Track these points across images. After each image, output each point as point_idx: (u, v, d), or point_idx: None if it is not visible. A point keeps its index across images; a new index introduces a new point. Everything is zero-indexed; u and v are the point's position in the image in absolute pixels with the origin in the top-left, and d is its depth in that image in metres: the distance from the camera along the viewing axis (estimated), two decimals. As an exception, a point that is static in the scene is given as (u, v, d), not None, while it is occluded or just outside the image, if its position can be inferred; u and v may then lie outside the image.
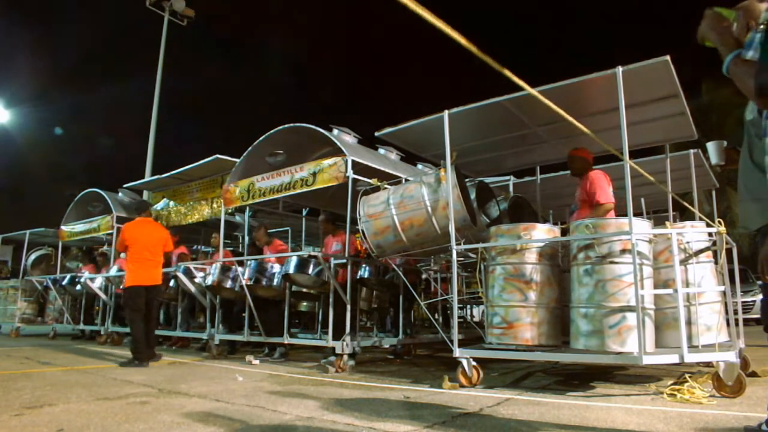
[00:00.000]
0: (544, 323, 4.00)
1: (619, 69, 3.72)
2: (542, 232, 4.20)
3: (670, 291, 3.81)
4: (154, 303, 6.11)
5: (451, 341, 4.18)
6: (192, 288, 6.98)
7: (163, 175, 8.36)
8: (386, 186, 5.10)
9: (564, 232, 4.35)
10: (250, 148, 6.63)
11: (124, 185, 9.43)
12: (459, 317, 4.66)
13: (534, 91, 2.36)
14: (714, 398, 3.31)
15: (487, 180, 6.65)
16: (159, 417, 2.94)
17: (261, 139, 6.46)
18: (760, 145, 1.88)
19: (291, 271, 5.72)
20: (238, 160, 6.84)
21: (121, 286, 7.74)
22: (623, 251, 3.66)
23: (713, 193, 7.19)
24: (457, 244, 4.34)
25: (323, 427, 2.70)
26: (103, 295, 8.77)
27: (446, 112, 4.52)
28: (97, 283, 8.80)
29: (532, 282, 4.03)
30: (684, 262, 4.06)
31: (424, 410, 3.16)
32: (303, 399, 3.52)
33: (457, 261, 4.45)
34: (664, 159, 5.45)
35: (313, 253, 6.04)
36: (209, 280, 6.43)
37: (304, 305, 8.13)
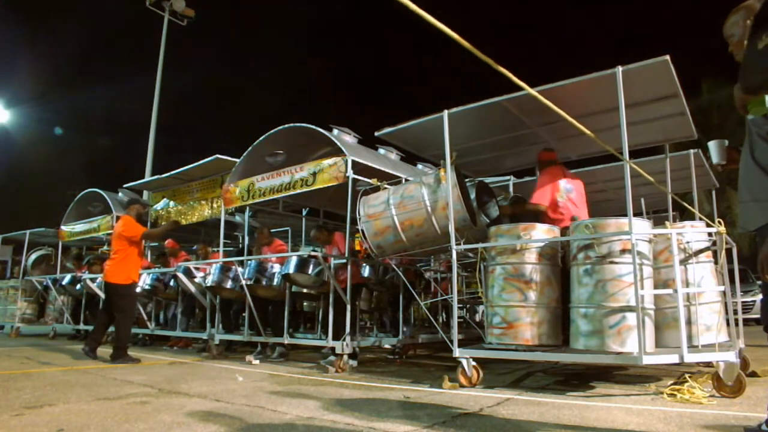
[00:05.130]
0: (544, 323, 4.00)
1: (619, 69, 3.72)
2: (542, 232, 4.20)
3: (670, 291, 3.81)
4: (118, 303, 5.98)
5: (451, 341, 4.18)
6: (192, 288, 6.98)
7: (163, 175, 8.35)
8: (386, 186, 5.10)
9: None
10: (250, 148, 6.63)
11: (124, 185, 9.43)
12: (459, 317, 4.66)
13: (533, 92, 2.36)
14: (714, 398, 3.31)
15: (487, 180, 6.64)
16: (159, 417, 2.94)
17: (261, 139, 6.45)
18: None
19: (291, 271, 5.72)
20: (238, 160, 6.84)
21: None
22: (623, 251, 3.66)
23: (713, 193, 7.18)
24: (457, 244, 4.34)
25: (323, 427, 2.70)
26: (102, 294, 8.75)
27: (446, 112, 4.52)
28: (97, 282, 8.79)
29: (532, 282, 4.03)
30: (684, 262, 4.06)
31: (424, 410, 3.16)
32: (303, 399, 3.53)
33: (457, 261, 4.45)
34: (664, 159, 5.45)
35: (313, 253, 6.03)
36: (209, 281, 6.43)
37: (304, 305, 8.13)
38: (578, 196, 4.90)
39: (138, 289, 7.94)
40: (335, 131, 5.90)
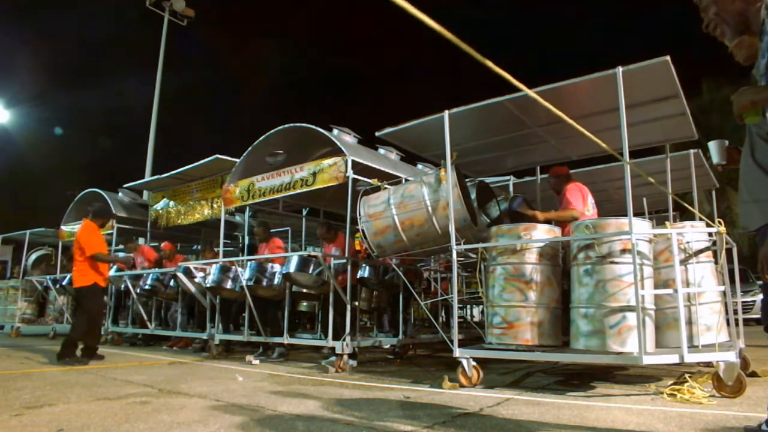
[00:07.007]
0: (544, 323, 4.00)
1: (619, 69, 3.72)
2: (542, 232, 4.20)
3: (670, 291, 3.81)
4: (82, 303, 5.98)
5: (451, 341, 4.18)
6: (192, 288, 6.98)
7: (163, 175, 8.36)
8: (386, 186, 5.10)
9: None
10: (250, 148, 6.63)
11: (124, 185, 9.44)
12: (459, 317, 4.66)
13: (533, 93, 2.36)
14: (714, 398, 3.31)
15: (487, 180, 6.65)
16: (159, 417, 2.94)
17: (261, 139, 6.46)
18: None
19: (291, 270, 5.72)
20: (238, 160, 6.84)
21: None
22: (623, 251, 3.66)
23: (713, 193, 7.19)
24: (457, 244, 4.34)
25: (323, 427, 2.70)
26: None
27: (446, 112, 4.52)
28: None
29: (532, 282, 4.03)
30: (684, 262, 4.06)
31: (424, 410, 3.16)
32: (303, 399, 3.53)
33: (457, 261, 4.45)
34: (664, 159, 5.45)
35: (313, 253, 6.04)
36: (209, 281, 6.43)
37: (304, 305, 8.13)
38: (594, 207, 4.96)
39: (138, 290, 7.98)
40: (335, 131, 5.90)
